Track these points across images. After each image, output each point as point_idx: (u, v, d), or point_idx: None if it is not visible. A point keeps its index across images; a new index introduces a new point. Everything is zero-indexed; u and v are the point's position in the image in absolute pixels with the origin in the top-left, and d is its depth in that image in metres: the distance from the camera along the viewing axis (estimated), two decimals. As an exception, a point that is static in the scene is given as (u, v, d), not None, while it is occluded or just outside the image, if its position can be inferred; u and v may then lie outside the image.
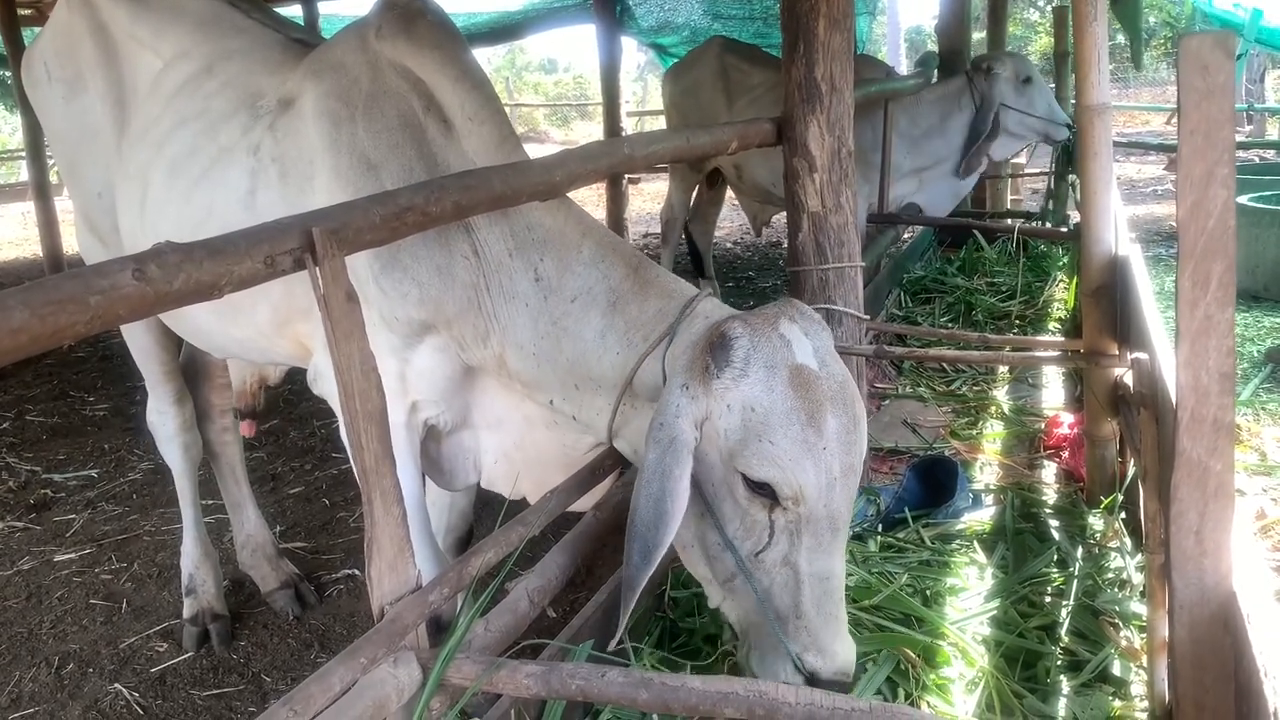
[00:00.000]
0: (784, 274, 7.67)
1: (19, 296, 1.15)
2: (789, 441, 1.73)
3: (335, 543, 4.00)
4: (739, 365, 1.77)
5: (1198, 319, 1.40)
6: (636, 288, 2.07)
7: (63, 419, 5.75)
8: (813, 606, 1.80)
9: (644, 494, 1.74)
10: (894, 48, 24.48)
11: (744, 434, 1.76)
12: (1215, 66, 1.33)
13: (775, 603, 1.82)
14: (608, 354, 2.05)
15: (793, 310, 1.88)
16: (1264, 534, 3.25)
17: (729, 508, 1.82)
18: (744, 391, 1.76)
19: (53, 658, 3.28)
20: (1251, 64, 17.06)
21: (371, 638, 1.64)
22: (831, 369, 1.83)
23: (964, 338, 3.82)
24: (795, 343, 1.81)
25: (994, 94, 5.70)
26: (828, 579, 1.81)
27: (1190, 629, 1.51)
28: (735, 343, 1.78)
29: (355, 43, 2.37)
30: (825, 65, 2.92)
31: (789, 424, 1.74)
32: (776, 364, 1.77)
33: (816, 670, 1.80)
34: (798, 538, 1.78)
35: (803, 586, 1.80)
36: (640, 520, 1.73)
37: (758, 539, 1.80)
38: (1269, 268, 6.55)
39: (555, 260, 2.13)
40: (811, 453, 1.74)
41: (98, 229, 3.02)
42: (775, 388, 1.76)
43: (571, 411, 2.17)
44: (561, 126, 27.72)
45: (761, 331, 1.80)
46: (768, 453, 1.73)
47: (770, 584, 1.82)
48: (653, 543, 1.72)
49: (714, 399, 1.78)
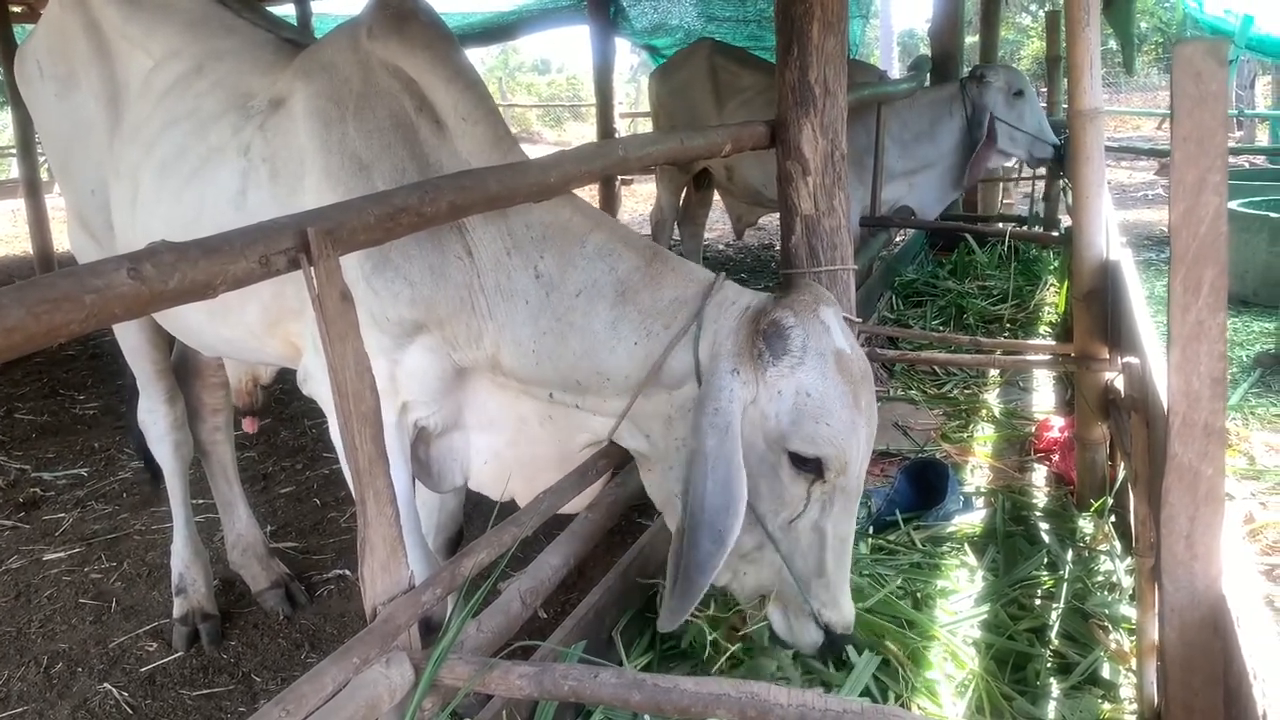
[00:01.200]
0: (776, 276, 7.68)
1: (13, 295, 1.15)
2: (841, 423, 1.87)
3: (326, 543, 4.00)
4: (796, 353, 1.87)
5: (1189, 324, 1.41)
6: (648, 277, 2.09)
7: (52, 417, 5.73)
8: (834, 564, 1.97)
9: (711, 480, 1.82)
10: (887, 51, 24.54)
11: (796, 416, 1.87)
12: (1208, 74, 1.34)
13: (798, 566, 1.97)
14: (622, 344, 2.05)
15: (826, 296, 1.99)
16: (1253, 537, 3.27)
17: (766, 485, 1.93)
18: (800, 378, 1.87)
19: (42, 657, 3.27)
20: (1242, 70, 17.11)
21: (364, 638, 1.64)
22: (857, 350, 1.97)
23: (955, 341, 3.84)
24: (833, 328, 1.93)
25: (985, 102, 5.73)
26: (845, 539, 1.99)
27: (1180, 632, 1.52)
28: (791, 331, 1.88)
29: (346, 43, 2.36)
30: (819, 68, 2.93)
31: (841, 407, 1.87)
32: (825, 351, 1.89)
33: (832, 624, 1.99)
34: (830, 505, 1.94)
35: (827, 547, 1.96)
36: (710, 506, 1.81)
37: (793, 509, 1.94)
38: (1258, 273, 6.59)
39: (556, 256, 2.13)
40: (856, 431, 1.89)
41: (90, 227, 3.01)
42: (828, 374, 1.88)
43: (574, 401, 2.17)
44: (555, 127, 27.71)
45: (809, 320, 1.91)
46: (824, 434, 1.86)
47: (795, 549, 1.97)
48: (725, 526, 1.80)
49: (765, 385, 1.88)
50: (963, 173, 5.85)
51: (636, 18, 10.75)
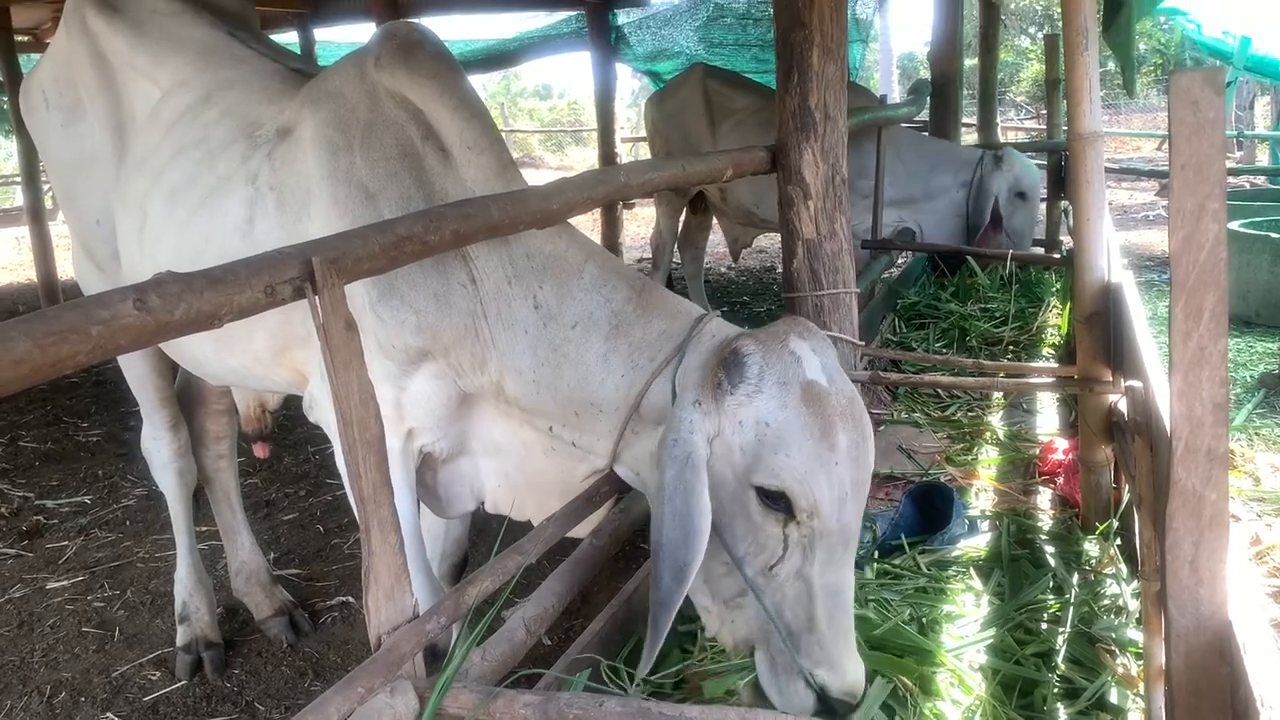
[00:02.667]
0: (778, 299, 7.68)
1: (21, 327, 1.15)
2: (803, 455, 1.75)
3: (329, 570, 3.99)
4: (753, 381, 1.79)
5: (1190, 350, 1.41)
6: (639, 310, 2.08)
7: (56, 445, 5.74)
8: (825, 619, 1.80)
9: (668, 512, 1.75)
10: (886, 74, 24.67)
11: (758, 448, 1.77)
12: (1205, 102, 1.35)
13: (787, 617, 1.82)
14: (611, 376, 2.05)
15: (801, 328, 1.90)
16: (1260, 559, 3.25)
17: (740, 525, 1.83)
18: (758, 407, 1.78)
19: (44, 686, 3.26)
20: (1241, 91, 17.20)
21: (368, 667, 1.63)
22: (840, 385, 1.85)
23: (958, 363, 3.84)
24: (805, 359, 1.83)
25: (990, 185, 5.84)
26: (840, 592, 1.82)
27: (1186, 658, 1.51)
28: (748, 359, 1.80)
29: (354, 72, 2.38)
30: (819, 94, 2.95)
31: (803, 438, 1.76)
32: (789, 380, 1.80)
33: (826, 685, 1.79)
34: (811, 551, 1.79)
35: (816, 599, 1.80)
36: (668, 540, 1.74)
37: (771, 553, 1.81)
38: (1260, 293, 6.60)
39: (555, 287, 2.13)
40: (825, 466, 1.76)
41: (95, 256, 3.03)
42: (789, 403, 1.78)
43: (571, 438, 2.17)
44: (556, 152, 27.83)
45: (773, 348, 1.83)
46: (783, 465, 1.75)
47: (782, 599, 1.82)
48: (684, 560, 1.73)
49: (726, 415, 1.80)
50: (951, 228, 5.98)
51: (638, 44, 10.83)
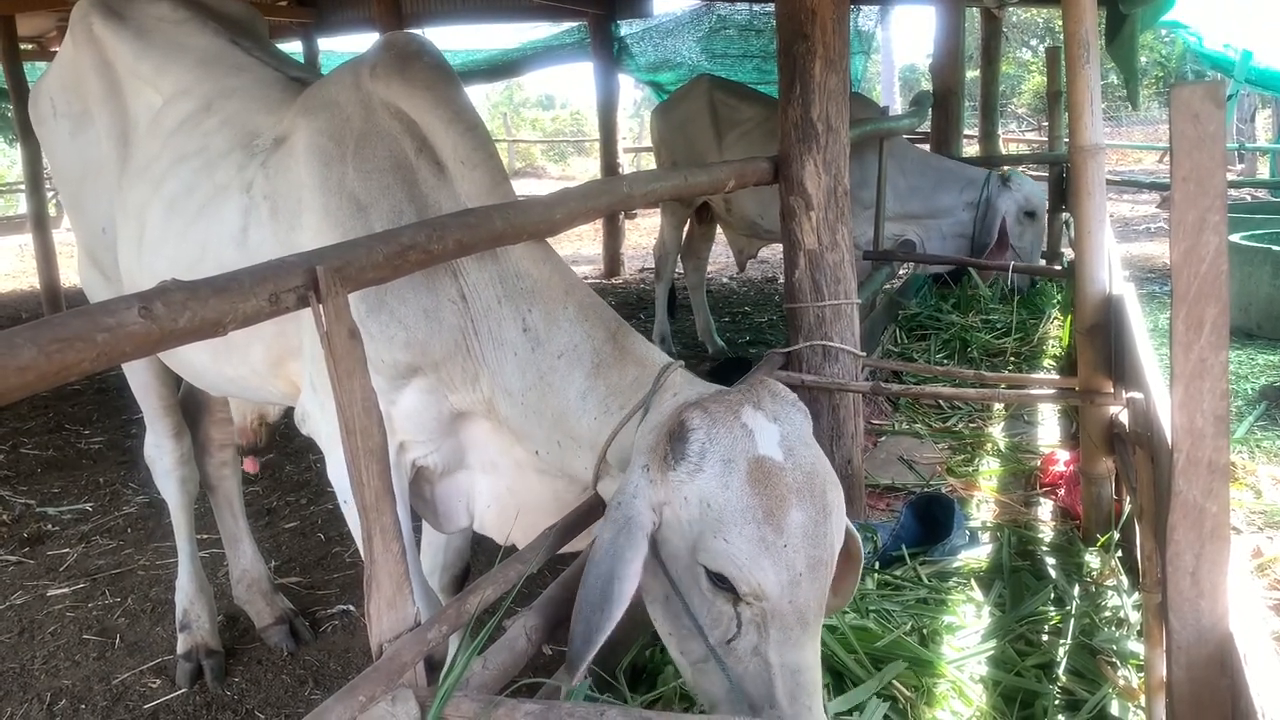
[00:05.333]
0: (779, 309, 7.69)
1: (27, 334, 1.16)
2: (744, 540, 1.65)
3: (330, 578, 3.99)
4: (694, 459, 1.70)
5: (1192, 362, 1.42)
6: (616, 352, 2.04)
7: (58, 452, 5.74)
8: (786, 698, 1.71)
9: (593, 573, 1.69)
10: (888, 86, 24.72)
11: (702, 528, 1.69)
12: (1206, 116, 1.36)
13: (748, 689, 1.73)
14: (586, 416, 2.02)
15: (763, 393, 1.81)
16: (1260, 572, 3.25)
17: (696, 597, 1.75)
18: (699, 486, 1.69)
19: (45, 694, 3.26)
20: (1242, 104, 17.24)
21: (370, 675, 1.63)
22: (799, 457, 1.74)
23: (960, 375, 3.84)
24: (759, 432, 1.73)
25: (999, 205, 5.84)
26: (799, 672, 1.72)
27: (1188, 670, 1.51)
28: (692, 435, 1.71)
29: (349, 81, 2.37)
30: (821, 105, 2.96)
31: (744, 522, 1.66)
32: (734, 457, 1.70)
33: None
34: (765, 630, 1.70)
35: (775, 678, 1.71)
36: (586, 600, 1.68)
37: (726, 629, 1.73)
38: (1262, 306, 6.60)
39: (543, 312, 2.10)
40: (770, 551, 1.65)
41: (101, 264, 3.03)
42: (731, 484, 1.68)
43: (556, 463, 2.16)
44: (559, 162, 27.90)
45: (722, 421, 1.73)
46: (723, 550, 1.66)
47: (743, 672, 1.73)
48: (595, 625, 1.65)
49: (671, 488, 1.72)
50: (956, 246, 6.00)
51: (640, 54, 10.87)
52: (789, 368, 3.13)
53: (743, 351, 7.19)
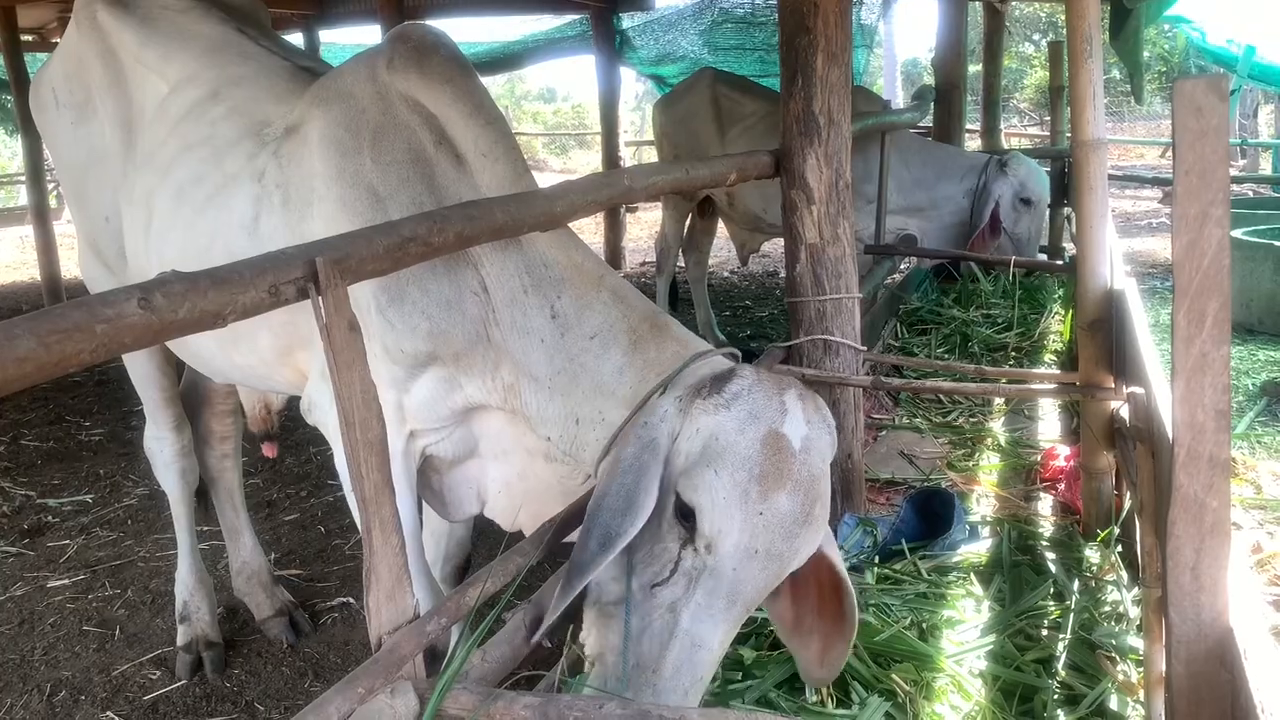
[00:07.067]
0: (780, 304, 7.67)
1: (26, 325, 1.16)
2: (732, 483, 1.70)
3: (330, 570, 3.99)
4: (726, 398, 1.76)
5: (1193, 356, 1.42)
6: (654, 331, 2.07)
7: (58, 444, 5.74)
8: (670, 668, 1.70)
9: (616, 484, 1.73)
10: (890, 80, 24.67)
11: (699, 459, 1.74)
12: (1209, 109, 1.35)
13: (642, 646, 1.73)
14: (622, 388, 2.04)
15: (811, 396, 1.85)
16: (1261, 567, 3.25)
17: (649, 530, 1.76)
18: (718, 420, 1.75)
19: (44, 685, 3.26)
20: (1245, 99, 17.19)
21: (369, 668, 1.63)
22: (810, 462, 1.76)
23: (960, 369, 3.83)
24: (792, 415, 1.77)
25: (994, 188, 5.81)
26: (698, 648, 1.71)
27: (1187, 665, 1.51)
28: (735, 380, 1.78)
29: (365, 73, 2.36)
30: (823, 99, 2.95)
31: (740, 468, 1.70)
32: (761, 417, 1.75)
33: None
34: (693, 587, 1.72)
35: (673, 643, 1.71)
36: (607, 508, 1.71)
37: (659, 570, 1.76)
38: (1263, 301, 6.60)
39: (573, 298, 2.12)
40: (747, 506, 1.69)
41: (103, 254, 3.03)
42: (746, 433, 1.73)
43: (565, 447, 2.17)
44: (560, 155, 27.86)
45: (767, 387, 1.79)
46: (709, 481, 1.70)
47: (647, 625, 1.74)
48: (616, 531, 1.68)
49: (690, 418, 1.78)
50: (955, 234, 5.97)
51: (642, 47, 10.85)
52: (790, 362, 3.12)
53: (744, 346, 7.19)
